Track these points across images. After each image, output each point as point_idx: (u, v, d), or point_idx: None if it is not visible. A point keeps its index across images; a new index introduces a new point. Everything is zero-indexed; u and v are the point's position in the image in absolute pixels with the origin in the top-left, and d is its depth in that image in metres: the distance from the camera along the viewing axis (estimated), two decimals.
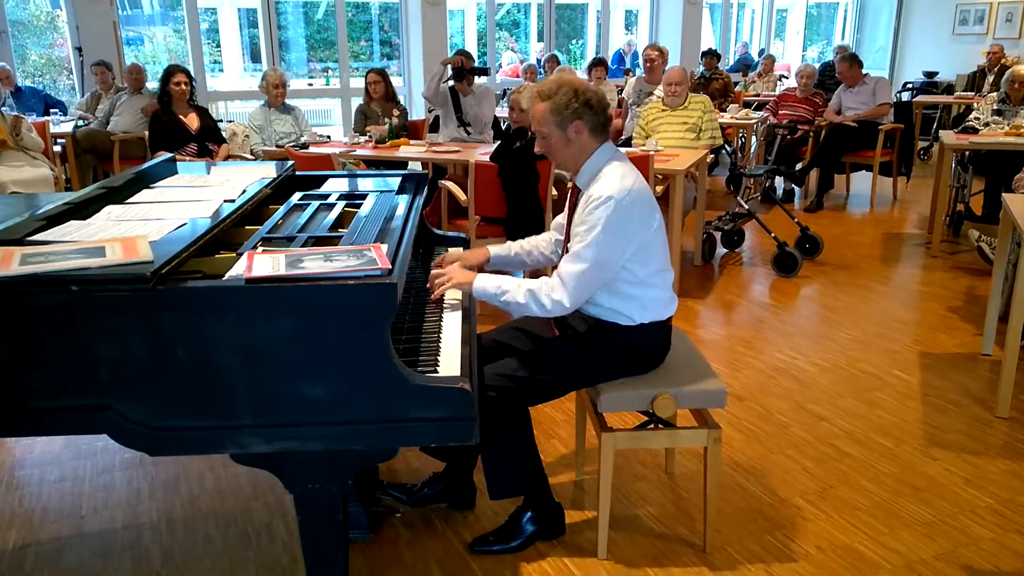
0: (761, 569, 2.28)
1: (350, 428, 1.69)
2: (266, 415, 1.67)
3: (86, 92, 7.30)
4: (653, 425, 2.39)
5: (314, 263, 1.70)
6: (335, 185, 2.79)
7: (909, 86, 11.24)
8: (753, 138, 7.81)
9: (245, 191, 2.44)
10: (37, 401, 1.67)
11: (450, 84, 5.69)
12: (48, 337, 1.62)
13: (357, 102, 6.38)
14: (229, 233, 2.12)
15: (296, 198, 2.50)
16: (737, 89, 9.27)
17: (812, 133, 7.20)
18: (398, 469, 2.79)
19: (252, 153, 5.79)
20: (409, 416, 1.69)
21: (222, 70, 11.24)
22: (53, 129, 6.27)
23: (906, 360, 3.73)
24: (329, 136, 6.18)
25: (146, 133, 5.97)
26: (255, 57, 10.75)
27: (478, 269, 2.36)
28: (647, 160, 4.28)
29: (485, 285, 2.20)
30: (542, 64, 9.01)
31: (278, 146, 5.67)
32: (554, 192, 4.50)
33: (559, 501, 2.42)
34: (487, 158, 4.32)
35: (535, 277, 2.26)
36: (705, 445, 2.28)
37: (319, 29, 11.10)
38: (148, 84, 6.75)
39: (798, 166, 7.30)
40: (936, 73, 11.36)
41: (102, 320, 1.61)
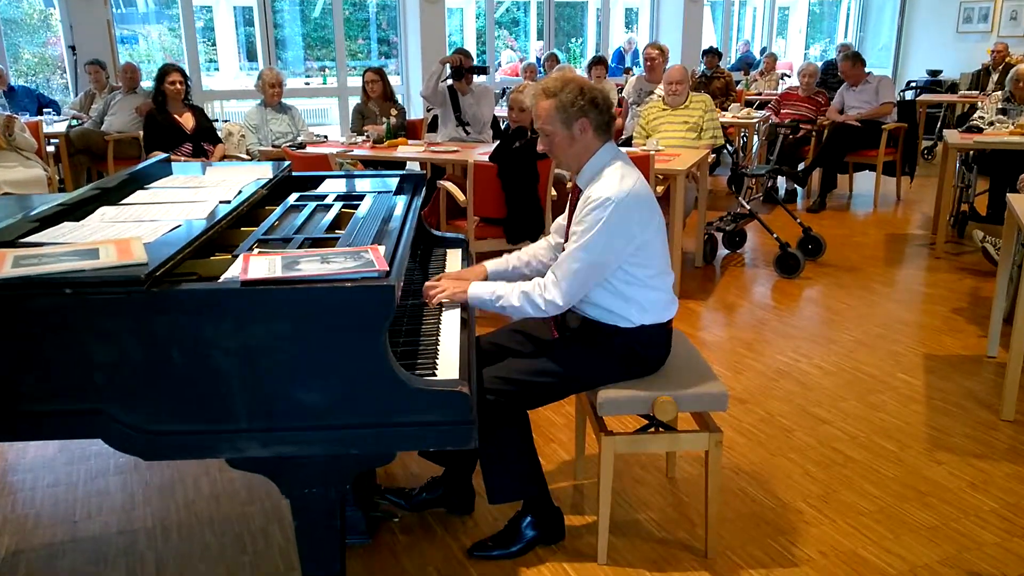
0: (763, 575, 2.28)
1: (347, 432, 1.69)
2: (262, 419, 1.67)
3: (80, 91, 7.30)
4: (653, 429, 2.39)
5: (311, 265, 1.70)
6: (332, 186, 2.79)
7: (913, 85, 11.26)
8: (755, 137, 7.81)
9: (241, 192, 2.44)
10: (30, 405, 1.67)
11: (449, 83, 5.70)
12: (41, 340, 1.62)
13: (354, 101, 6.38)
14: (225, 235, 2.12)
15: (293, 199, 2.50)
16: (739, 88, 9.28)
17: (815, 132, 7.21)
18: (396, 473, 2.79)
19: (248, 153, 5.79)
20: (407, 420, 1.69)
21: (217, 69, 11.25)
22: (46, 129, 6.28)
23: (910, 362, 3.74)
24: (326, 136, 6.18)
25: (140, 133, 5.97)
26: (251, 56, 10.76)
27: None
28: (647, 160, 4.28)
29: (479, 292, 2.21)
30: (542, 63, 9.02)
31: (274, 146, 5.67)
32: (553, 193, 4.50)
33: (559, 506, 2.42)
34: (486, 158, 4.33)
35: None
36: (706, 449, 2.28)
37: (316, 27, 11.11)
38: (143, 83, 6.76)
39: (800, 166, 7.31)
40: (940, 72, 11.37)
41: (96, 323, 1.61)
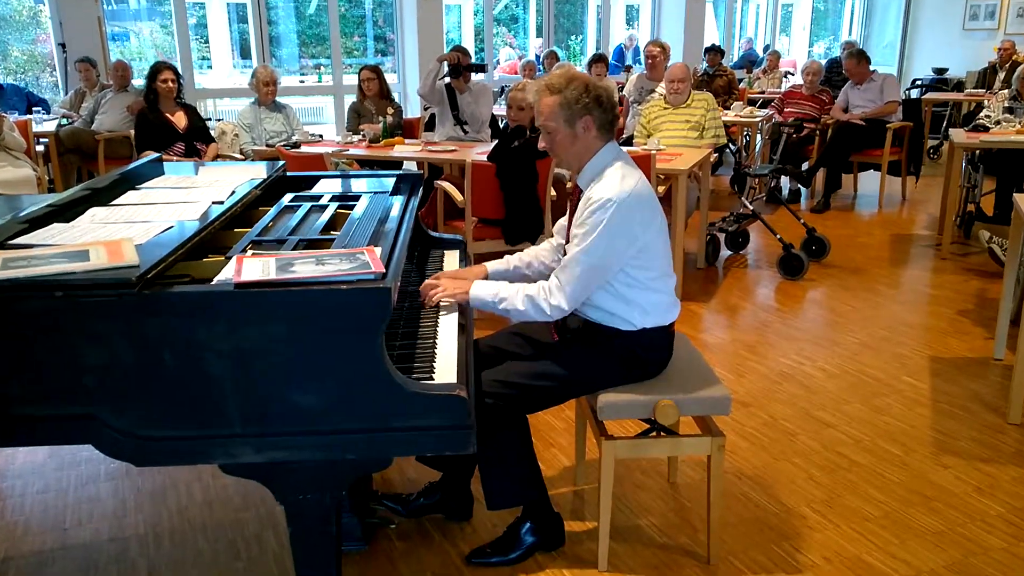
0: None
1: (343, 437, 1.69)
2: (256, 424, 1.67)
3: (70, 90, 7.30)
4: (655, 433, 2.39)
5: (305, 267, 1.70)
6: (327, 186, 2.79)
7: (918, 83, 11.27)
8: (758, 137, 7.83)
9: (234, 192, 2.44)
10: (19, 409, 1.67)
11: (446, 81, 5.70)
12: (30, 344, 1.62)
13: (350, 100, 6.39)
14: (218, 236, 2.12)
15: (287, 199, 2.50)
16: (741, 86, 9.30)
17: (818, 131, 7.21)
18: (393, 479, 2.79)
19: (242, 153, 5.80)
20: (404, 424, 1.69)
21: (210, 67, 11.24)
22: (36, 128, 6.27)
23: (915, 365, 3.74)
24: (321, 135, 6.19)
25: (132, 132, 5.97)
26: (245, 53, 10.77)
27: None
28: (649, 160, 4.29)
29: (481, 293, 2.21)
30: (541, 60, 9.02)
31: (268, 145, 5.67)
32: (553, 193, 4.50)
33: (558, 511, 2.42)
34: (484, 157, 4.33)
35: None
36: (708, 453, 2.28)
37: (311, 24, 11.12)
38: (134, 81, 6.76)
39: (804, 165, 7.31)
40: (946, 70, 11.38)
41: (86, 326, 1.61)
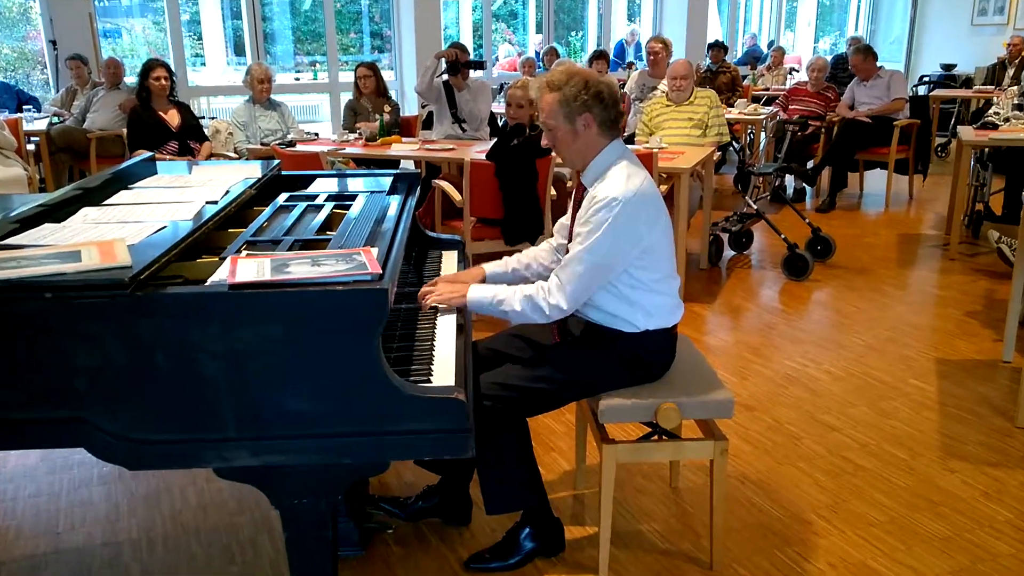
0: None
1: (339, 440, 1.70)
2: (251, 427, 1.67)
3: (61, 87, 7.31)
4: (657, 436, 2.39)
5: (301, 268, 1.71)
6: (323, 185, 2.80)
7: (926, 79, 11.28)
8: (762, 134, 7.84)
9: (228, 192, 2.45)
10: (9, 413, 1.68)
11: (444, 78, 5.71)
12: (21, 346, 1.63)
13: (346, 97, 6.40)
14: (212, 236, 2.12)
15: (282, 199, 2.51)
16: (745, 83, 9.29)
17: (824, 129, 7.22)
18: (390, 482, 2.80)
19: (236, 151, 5.81)
20: (401, 428, 1.70)
21: (204, 64, 11.25)
22: (26, 127, 6.29)
23: (922, 368, 3.75)
24: (317, 133, 6.19)
25: (124, 131, 5.98)
26: (239, 50, 10.77)
27: None
28: (651, 158, 4.29)
29: (479, 296, 2.22)
30: (541, 57, 9.04)
31: (263, 144, 5.68)
32: (553, 192, 4.51)
33: (558, 516, 2.43)
34: (483, 156, 4.34)
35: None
36: (711, 457, 2.29)
37: (306, 20, 11.13)
38: (126, 79, 6.76)
39: (809, 164, 7.32)
40: (954, 66, 11.39)
41: (78, 328, 1.62)
